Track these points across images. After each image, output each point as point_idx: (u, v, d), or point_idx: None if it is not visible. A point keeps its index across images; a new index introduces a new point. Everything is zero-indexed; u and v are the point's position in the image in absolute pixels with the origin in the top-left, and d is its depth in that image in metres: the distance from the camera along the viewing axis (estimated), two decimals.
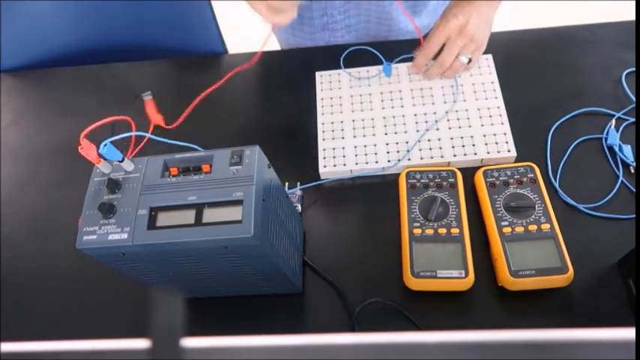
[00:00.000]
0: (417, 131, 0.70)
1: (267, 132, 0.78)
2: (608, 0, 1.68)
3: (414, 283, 0.57)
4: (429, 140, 0.69)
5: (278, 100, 0.82)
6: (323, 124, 0.73)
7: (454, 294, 0.58)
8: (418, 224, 0.61)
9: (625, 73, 0.75)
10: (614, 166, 0.67)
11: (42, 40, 0.98)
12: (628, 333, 0.22)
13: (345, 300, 0.60)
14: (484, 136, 0.69)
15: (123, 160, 0.49)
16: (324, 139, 0.72)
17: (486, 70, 0.76)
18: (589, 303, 0.57)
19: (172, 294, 0.20)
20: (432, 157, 0.68)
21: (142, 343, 0.23)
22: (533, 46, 0.80)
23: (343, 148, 0.71)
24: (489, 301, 0.58)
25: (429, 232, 0.60)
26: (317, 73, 0.79)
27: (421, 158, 0.68)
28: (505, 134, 0.69)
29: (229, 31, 1.06)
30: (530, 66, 0.76)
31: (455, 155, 0.67)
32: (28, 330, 0.63)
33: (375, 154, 0.69)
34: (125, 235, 0.46)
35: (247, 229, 0.44)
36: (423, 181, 0.65)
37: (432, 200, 0.62)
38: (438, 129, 0.70)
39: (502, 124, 0.70)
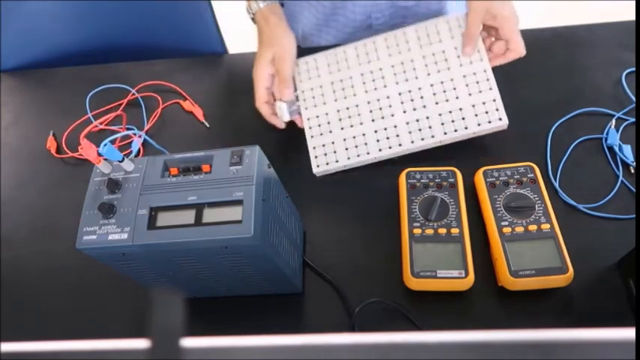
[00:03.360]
0: (404, 112, 0.67)
1: (267, 132, 0.78)
2: (608, 0, 1.68)
3: (414, 283, 0.57)
4: (417, 121, 0.67)
5: None
6: (308, 119, 0.71)
7: (454, 294, 0.58)
8: (418, 224, 0.61)
9: (625, 73, 0.75)
10: (614, 166, 0.67)
11: (42, 40, 0.98)
12: (628, 333, 0.22)
13: (345, 300, 0.60)
14: (473, 106, 0.66)
15: (123, 160, 0.49)
16: (312, 136, 0.70)
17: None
18: (589, 303, 0.57)
19: (172, 294, 0.20)
20: (422, 139, 0.66)
21: (142, 343, 0.23)
22: (534, 46, 0.80)
23: (333, 142, 0.69)
24: (489, 301, 0.58)
25: (429, 232, 0.60)
26: (299, 61, 0.75)
27: (412, 142, 0.66)
28: (494, 101, 0.65)
29: (229, 31, 1.06)
30: (530, 66, 0.76)
31: (445, 133, 0.65)
32: (28, 330, 0.63)
33: (365, 144, 0.68)
34: (125, 235, 0.46)
35: (247, 229, 0.44)
36: (423, 181, 0.65)
37: (432, 200, 0.62)
38: (425, 106, 0.67)
39: (490, 89, 0.67)
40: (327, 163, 0.68)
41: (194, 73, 0.90)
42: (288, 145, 0.75)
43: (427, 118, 0.66)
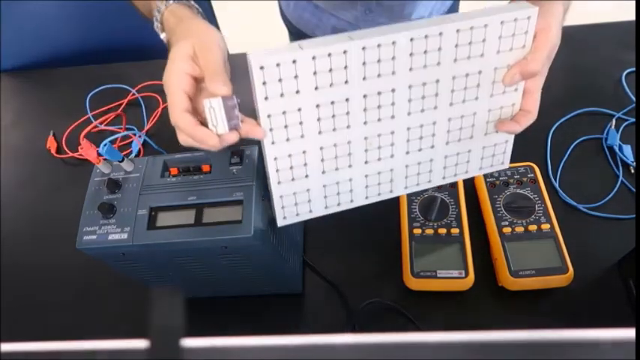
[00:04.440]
0: (407, 153, 0.51)
1: None
2: (608, 0, 1.68)
3: (414, 283, 0.57)
4: (418, 164, 0.52)
5: None
6: (276, 159, 0.46)
7: (454, 294, 0.58)
8: (418, 224, 0.61)
9: (625, 73, 0.75)
10: (614, 166, 0.67)
11: (42, 40, 0.98)
12: (628, 333, 0.22)
13: (345, 300, 0.60)
14: (483, 148, 0.53)
15: (123, 160, 0.49)
16: (279, 183, 0.48)
17: (520, 41, 0.46)
18: (589, 303, 0.57)
19: (172, 294, 0.20)
20: (417, 184, 0.54)
21: (142, 343, 0.23)
22: None
23: (308, 190, 0.50)
24: (489, 301, 0.58)
25: (429, 232, 0.60)
26: (251, 60, 0.40)
27: (405, 187, 0.53)
28: (506, 142, 0.53)
29: (229, 31, 1.06)
30: None
31: (444, 177, 0.54)
32: (28, 330, 0.63)
33: (351, 191, 0.51)
34: (125, 235, 0.46)
35: (247, 229, 0.44)
36: None
37: (432, 200, 0.62)
38: (433, 146, 0.51)
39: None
40: (298, 214, 0.51)
41: None
42: None
43: (430, 161, 0.52)
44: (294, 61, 0.41)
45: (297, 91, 0.43)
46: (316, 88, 0.43)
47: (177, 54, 0.44)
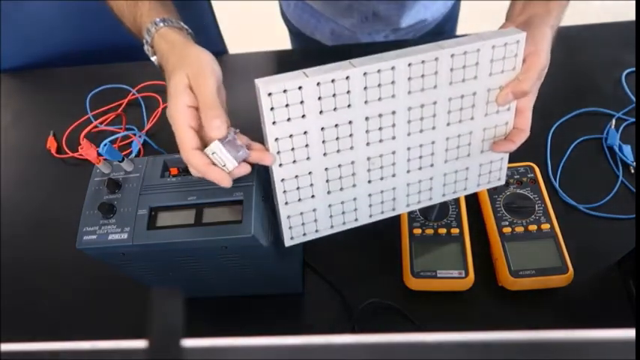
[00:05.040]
0: (408, 172, 0.54)
1: None
2: (609, 0, 1.68)
3: (414, 283, 0.57)
4: (419, 182, 0.55)
5: None
6: (283, 180, 0.49)
7: (454, 294, 0.58)
8: (418, 224, 0.61)
9: (625, 73, 0.75)
10: (614, 166, 0.67)
11: (42, 40, 0.98)
12: (628, 333, 0.22)
13: (345, 300, 0.60)
14: (480, 165, 0.56)
15: (123, 160, 0.49)
16: (286, 203, 0.50)
17: (510, 63, 0.49)
18: (589, 303, 0.57)
19: (172, 294, 0.20)
20: (419, 202, 0.56)
21: (141, 343, 0.23)
22: None
23: (314, 210, 0.52)
24: (489, 301, 0.58)
25: (429, 232, 0.60)
26: (259, 87, 0.43)
27: (407, 205, 0.56)
28: (502, 159, 0.56)
29: (229, 31, 1.06)
30: None
31: (444, 195, 0.57)
32: (28, 330, 0.63)
33: (355, 209, 0.54)
34: (125, 235, 0.46)
35: (247, 229, 0.44)
36: None
37: None
38: (432, 165, 0.54)
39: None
40: (305, 234, 0.53)
41: None
42: None
43: (430, 179, 0.55)
44: (299, 88, 0.43)
45: (303, 116, 0.45)
46: (321, 112, 0.46)
47: (177, 88, 0.46)
